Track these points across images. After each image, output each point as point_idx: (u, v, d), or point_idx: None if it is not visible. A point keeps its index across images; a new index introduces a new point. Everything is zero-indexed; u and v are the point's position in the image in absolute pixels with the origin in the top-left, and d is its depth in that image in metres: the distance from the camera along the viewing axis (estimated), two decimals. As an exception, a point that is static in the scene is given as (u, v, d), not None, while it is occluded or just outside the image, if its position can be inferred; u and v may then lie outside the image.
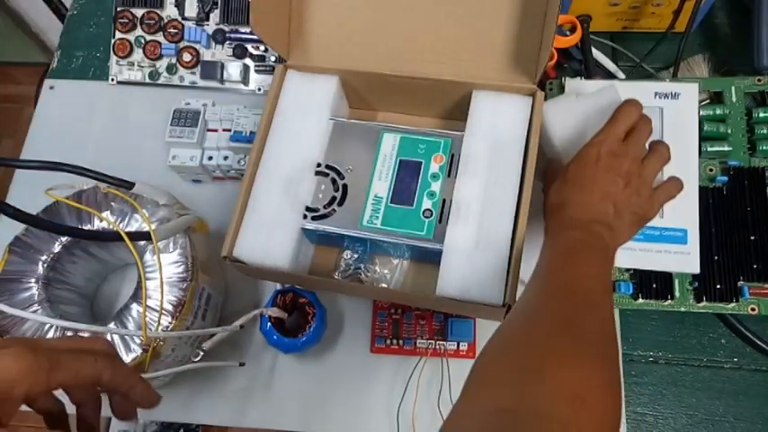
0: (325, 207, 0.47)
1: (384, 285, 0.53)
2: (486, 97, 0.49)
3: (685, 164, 0.50)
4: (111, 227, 0.49)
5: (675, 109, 0.52)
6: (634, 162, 0.43)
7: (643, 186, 0.43)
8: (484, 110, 0.49)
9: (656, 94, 0.52)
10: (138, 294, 0.47)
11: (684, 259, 0.49)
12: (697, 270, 0.49)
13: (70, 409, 0.33)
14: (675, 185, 0.46)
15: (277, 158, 0.49)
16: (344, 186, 0.47)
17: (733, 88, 0.54)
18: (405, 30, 0.50)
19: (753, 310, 0.50)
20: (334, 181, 0.47)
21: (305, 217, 0.46)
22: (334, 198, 0.47)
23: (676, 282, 0.51)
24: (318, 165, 0.48)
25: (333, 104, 0.51)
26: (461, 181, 0.46)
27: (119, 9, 0.64)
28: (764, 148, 0.52)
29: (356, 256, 0.53)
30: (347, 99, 0.55)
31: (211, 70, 0.63)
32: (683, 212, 0.50)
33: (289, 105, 0.50)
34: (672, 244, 0.49)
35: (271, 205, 0.47)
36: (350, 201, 0.47)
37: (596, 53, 0.60)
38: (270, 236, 0.46)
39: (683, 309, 0.50)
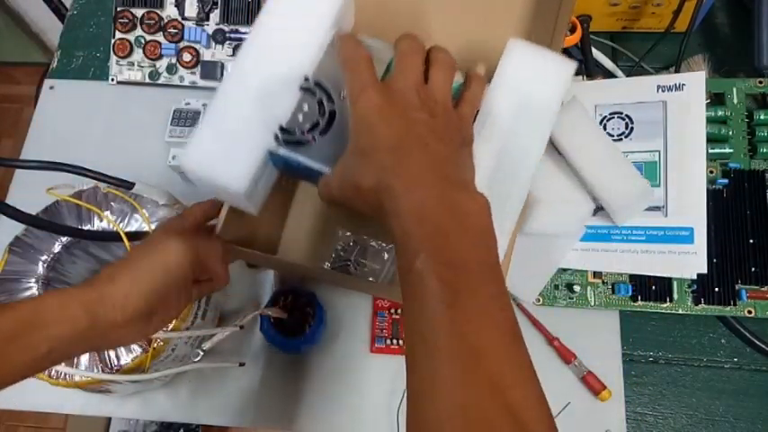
0: (302, 132, 0.37)
1: (371, 279, 0.52)
2: (524, 50, 0.41)
3: (692, 158, 0.49)
4: (111, 227, 0.49)
5: (680, 101, 0.51)
6: (414, 88, 0.35)
7: (446, 112, 0.35)
8: (518, 64, 0.40)
9: (658, 87, 0.52)
10: (138, 294, 0.47)
11: (690, 260, 0.49)
12: (704, 270, 0.49)
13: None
14: (477, 83, 0.38)
15: (257, 62, 0.39)
16: (332, 114, 0.37)
17: (734, 90, 0.54)
18: (415, 31, 0.47)
19: (749, 312, 0.50)
20: (321, 104, 0.38)
21: (276, 138, 0.37)
22: (316, 124, 0.38)
23: (675, 284, 0.51)
24: (306, 79, 0.38)
25: (339, 14, 0.40)
26: (474, 141, 0.39)
27: (119, 9, 0.64)
28: (765, 150, 0.52)
29: (350, 247, 0.53)
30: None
31: (211, 70, 0.63)
32: (689, 210, 0.49)
33: (286, 3, 0.40)
34: (677, 244, 0.49)
35: (239, 115, 0.38)
36: (335, 133, 0.37)
37: (596, 53, 0.60)
38: (229, 149, 0.37)
39: (681, 311, 0.50)
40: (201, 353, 0.47)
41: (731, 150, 0.53)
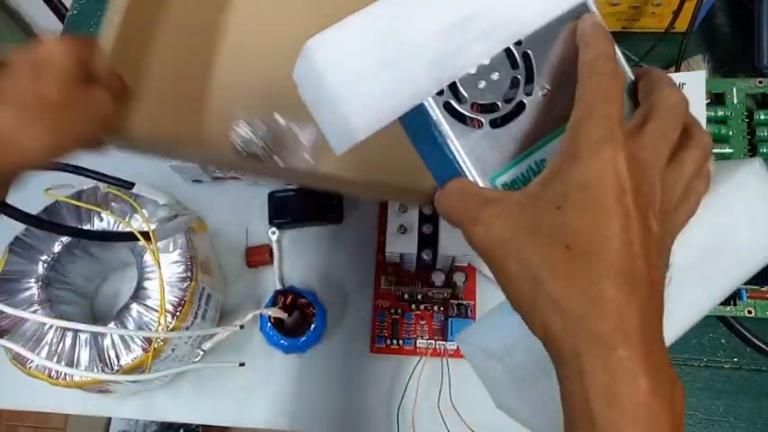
0: (472, 108, 0.27)
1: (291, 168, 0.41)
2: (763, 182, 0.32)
3: None
4: (115, 223, 0.49)
5: None
6: (660, 171, 0.24)
7: (672, 229, 0.25)
8: (750, 195, 0.31)
9: None
10: (138, 294, 0.47)
11: None
12: None
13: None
14: (705, 184, 0.28)
15: None
16: (520, 106, 0.27)
17: (734, 89, 0.54)
18: None
19: (750, 312, 0.50)
20: (515, 83, 0.27)
21: (440, 93, 0.26)
22: (493, 106, 0.27)
23: (676, 282, 0.51)
24: (519, 43, 0.27)
25: None
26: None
27: (119, 9, 0.64)
28: (765, 150, 0.52)
29: (253, 135, 0.40)
30: None
31: (211, 70, 0.63)
32: None
33: None
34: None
35: (413, 36, 0.25)
36: (508, 132, 0.27)
37: (596, 53, 0.60)
38: (376, 76, 0.25)
39: (682, 309, 0.50)
40: (201, 353, 0.47)
41: (731, 150, 0.53)
